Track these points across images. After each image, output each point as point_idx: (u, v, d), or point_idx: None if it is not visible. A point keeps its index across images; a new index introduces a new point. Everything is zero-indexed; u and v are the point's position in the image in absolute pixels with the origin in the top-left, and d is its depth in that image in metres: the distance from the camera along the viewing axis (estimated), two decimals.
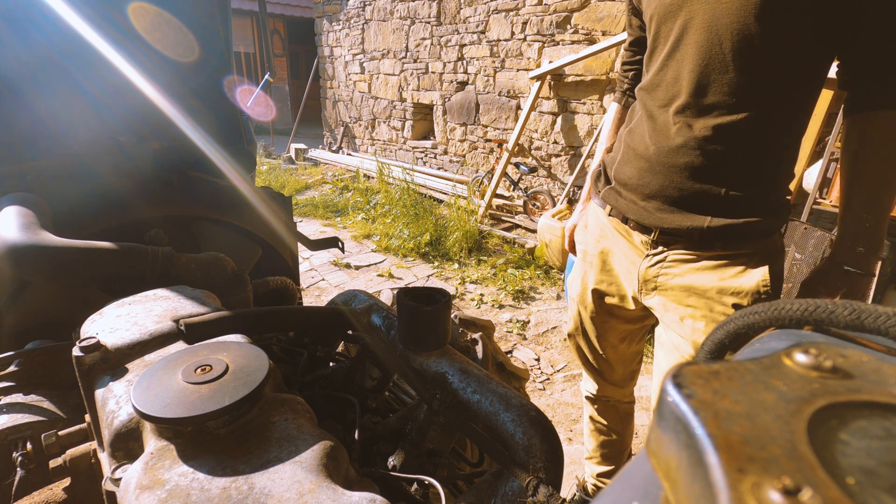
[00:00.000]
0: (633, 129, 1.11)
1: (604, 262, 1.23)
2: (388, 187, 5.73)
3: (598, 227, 1.24)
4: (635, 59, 1.27)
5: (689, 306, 1.04)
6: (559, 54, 4.62)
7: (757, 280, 0.96)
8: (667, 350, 1.12)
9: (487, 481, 0.66)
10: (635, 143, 1.08)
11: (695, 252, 1.03)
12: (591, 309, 1.29)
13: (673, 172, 1.00)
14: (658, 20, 1.00)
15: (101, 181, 1.09)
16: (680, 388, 0.20)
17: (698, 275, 1.02)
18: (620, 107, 1.34)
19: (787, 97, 0.93)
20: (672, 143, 0.99)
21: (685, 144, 0.97)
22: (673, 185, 1.00)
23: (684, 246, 1.04)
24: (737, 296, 0.98)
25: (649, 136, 1.04)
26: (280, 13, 12.03)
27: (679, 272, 1.05)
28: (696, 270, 1.03)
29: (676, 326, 1.07)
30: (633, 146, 1.09)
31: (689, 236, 1.01)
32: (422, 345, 0.76)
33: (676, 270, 1.05)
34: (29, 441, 0.70)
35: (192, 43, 1.29)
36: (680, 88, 0.97)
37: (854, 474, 0.16)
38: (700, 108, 0.95)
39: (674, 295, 1.06)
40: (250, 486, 0.44)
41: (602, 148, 1.37)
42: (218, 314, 0.70)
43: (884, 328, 0.27)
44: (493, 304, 3.35)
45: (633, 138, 1.09)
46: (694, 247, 1.03)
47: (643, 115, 1.07)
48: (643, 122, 1.07)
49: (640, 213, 1.07)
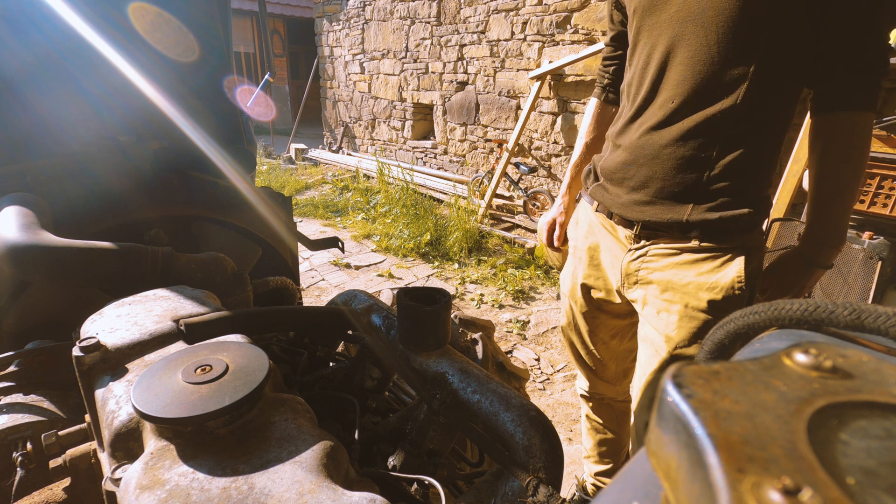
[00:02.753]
0: (618, 124, 1.12)
1: (592, 258, 1.24)
2: (388, 187, 5.72)
3: (586, 222, 1.26)
4: (616, 55, 1.27)
5: (666, 300, 1.05)
6: (559, 54, 4.62)
7: (732, 276, 0.97)
8: (644, 344, 1.13)
9: (487, 481, 0.66)
10: (620, 138, 1.10)
11: (675, 246, 1.04)
12: (581, 304, 1.30)
13: (656, 166, 1.01)
14: (641, 13, 1.00)
15: (101, 181, 1.09)
16: (680, 388, 0.20)
17: (677, 270, 1.03)
18: (600, 102, 1.34)
19: (772, 90, 0.93)
20: (656, 138, 1.00)
21: (669, 136, 0.98)
22: (656, 177, 1.02)
23: (665, 240, 1.05)
24: (711, 291, 0.99)
25: (633, 131, 1.05)
26: (280, 13, 12.03)
27: (659, 266, 1.06)
28: (675, 265, 1.04)
29: (653, 319, 1.08)
30: (618, 142, 1.10)
31: (670, 229, 1.03)
32: (422, 345, 0.76)
33: (656, 265, 1.06)
34: (29, 441, 0.70)
35: (192, 43, 1.29)
36: (664, 82, 0.98)
37: (854, 474, 0.16)
38: (684, 102, 0.96)
39: (652, 289, 1.08)
40: (250, 486, 0.44)
41: (581, 143, 1.37)
42: (218, 314, 0.70)
43: (884, 328, 0.27)
44: (493, 304, 3.35)
45: (618, 134, 1.11)
46: (674, 240, 1.04)
47: (628, 110, 1.08)
48: (628, 116, 1.08)
49: (623, 208, 1.09)
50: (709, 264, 1.00)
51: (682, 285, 1.02)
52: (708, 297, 0.99)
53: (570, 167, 1.40)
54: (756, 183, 1.00)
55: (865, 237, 2.15)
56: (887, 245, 2.10)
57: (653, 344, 1.09)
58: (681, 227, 1.01)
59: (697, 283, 1.00)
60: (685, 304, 1.02)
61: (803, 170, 3.22)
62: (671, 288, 1.04)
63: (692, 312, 1.01)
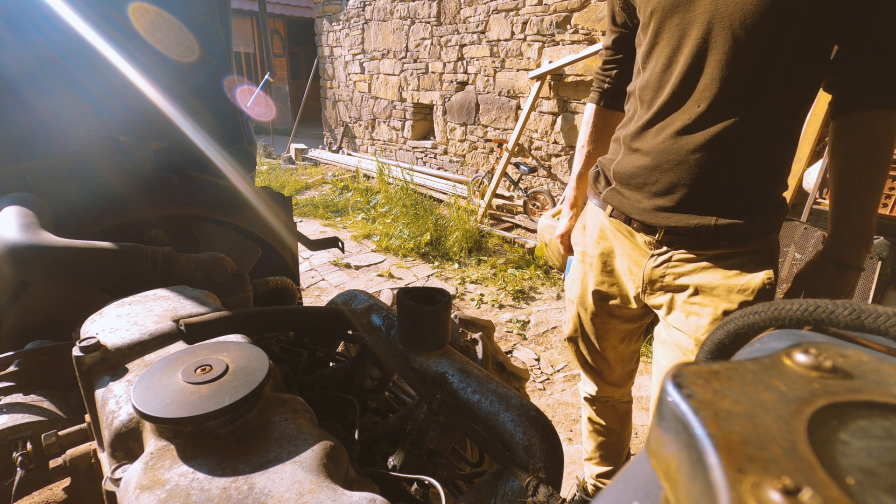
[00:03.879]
0: (631, 127, 1.10)
1: (604, 264, 1.22)
2: (388, 187, 5.73)
3: (597, 228, 1.23)
4: (616, 59, 1.25)
5: (696, 304, 1.04)
6: (559, 54, 4.62)
7: (762, 277, 0.98)
8: (668, 348, 1.12)
9: (487, 481, 0.66)
10: (637, 142, 1.07)
11: (699, 251, 1.03)
12: (591, 310, 1.28)
13: (682, 170, 0.99)
14: (661, 15, 0.98)
15: (101, 181, 1.09)
16: (680, 388, 0.20)
17: (705, 273, 1.03)
18: (599, 108, 1.31)
19: (797, 93, 0.93)
20: (682, 143, 0.98)
21: (696, 142, 0.96)
22: (682, 183, 1.00)
23: (689, 245, 1.04)
24: (743, 293, 0.99)
25: (654, 135, 1.03)
26: (280, 13, 12.03)
27: (685, 271, 1.05)
28: (702, 269, 1.03)
29: (681, 323, 1.07)
30: (635, 146, 1.07)
31: (696, 235, 1.01)
32: (422, 345, 0.76)
33: (682, 269, 1.06)
34: (29, 441, 0.70)
35: (192, 43, 1.29)
36: (690, 85, 0.96)
37: (854, 474, 0.16)
38: (711, 106, 0.94)
39: (680, 294, 1.07)
40: (250, 486, 0.44)
41: (583, 152, 1.35)
42: (218, 314, 0.70)
43: (884, 328, 0.27)
44: (493, 304, 3.35)
45: (636, 138, 1.08)
46: (699, 246, 1.03)
47: (643, 113, 1.05)
48: (645, 120, 1.05)
49: (645, 213, 1.07)
50: (736, 267, 1.00)
51: (711, 288, 1.02)
52: (740, 298, 0.99)
53: (573, 177, 1.38)
54: (779, 186, 1.01)
55: None
56: (887, 245, 2.10)
57: (679, 347, 1.08)
58: (709, 232, 1.00)
59: (727, 286, 1.00)
60: (716, 307, 1.01)
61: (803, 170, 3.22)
62: (701, 291, 1.03)
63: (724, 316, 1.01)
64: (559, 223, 1.43)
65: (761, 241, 1.01)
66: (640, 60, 1.08)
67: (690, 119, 0.96)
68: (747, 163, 0.96)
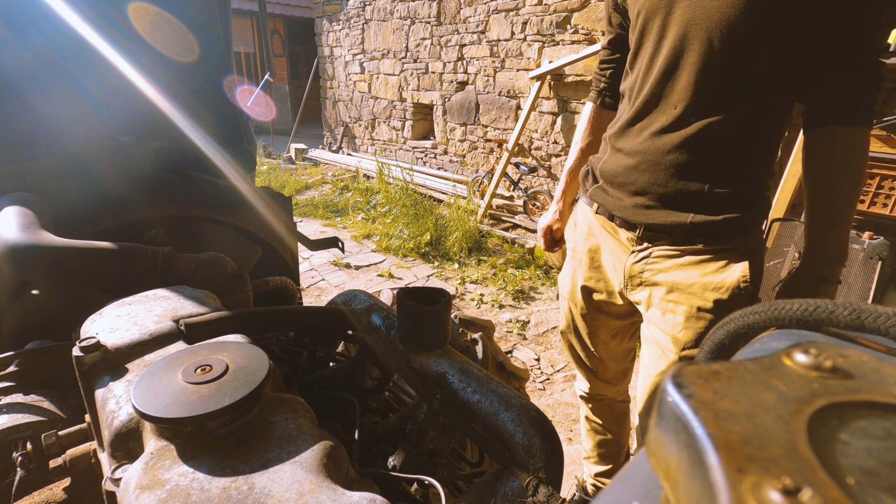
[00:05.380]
0: (616, 128, 1.12)
1: (592, 260, 1.24)
2: (388, 187, 5.73)
3: (585, 225, 1.25)
4: (613, 58, 1.26)
5: (672, 301, 1.05)
6: (559, 54, 4.62)
7: (737, 276, 0.98)
8: (650, 345, 1.13)
9: (487, 481, 0.66)
10: (620, 141, 1.09)
11: (678, 248, 1.04)
12: (581, 306, 1.30)
13: (658, 170, 1.01)
14: (645, 17, 0.99)
15: (101, 181, 1.09)
16: (680, 388, 0.20)
17: (681, 271, 1.04)
18: (596, 106, 1.33)
19: (774, 94, 0.93)
20: (658, 143, 1.00)
21: (671, 143, 0.98)
22: (658, 183, 1.02)
23: (668, 242, 1.05)
24: (718, 291, 0.99)
25: (634, 135, 1.05)
26: (280, 13, 12.03)
27: (663, 268, 1.06)
28: (679, 266, 1.04)
29: (659, 321, 1.08)
30: (619, 145, 1.10)
31: (673, 232, 1.03)
32: (422, 345, 0.76)
33: (660, 266, 1.07)
34: (29, 441, 0.70)
35: (192, 43, 1.29)
36: (668, 87, 0.98)
37: (854, 474, 0.16)
38: (687, 108, 0.95)
39: (658, 290, 1.08)
40: (250, 486, 0.44)
41: (576, 148, 1.37)
42: (218, 314, 0.70)
43: (884, 328, 0.27)
44: (493, 304, 3.35)
45: (619, 137, 1.10)
46: (677, 242, 1.04)
47: (627, 113, 1.07)
48: (627, 119, 1.07)
49: (626, 210, 1.09)
50: (713, 265, 1.00)
51: (688, 286, 1.02)
52: (714, 297, 0.99)
53: (564, 172, 1.40)
54: (756, 187, 1.00)
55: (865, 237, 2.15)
56: (887, 245, 2.10)
57: (659, 345, 1.09)
58: (684, 230, 1.01)
59: (703, 284, 1.00)
60: (691, 304, 1.02)
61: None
62: (676, 289, 1.04)
63: (698, 313, 1.01)
64: (543, 216, 1.45)
65: (741, 238, 1.01)
66: (628, 61, 1.10)
67: (668, 121, 0.98)
68: (723, 164, 0.97)
